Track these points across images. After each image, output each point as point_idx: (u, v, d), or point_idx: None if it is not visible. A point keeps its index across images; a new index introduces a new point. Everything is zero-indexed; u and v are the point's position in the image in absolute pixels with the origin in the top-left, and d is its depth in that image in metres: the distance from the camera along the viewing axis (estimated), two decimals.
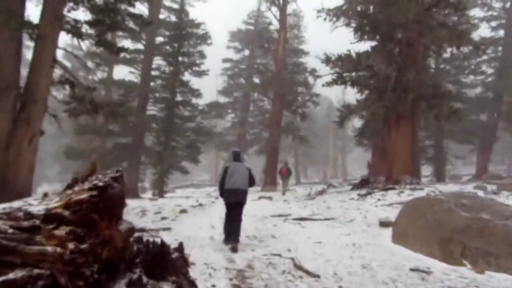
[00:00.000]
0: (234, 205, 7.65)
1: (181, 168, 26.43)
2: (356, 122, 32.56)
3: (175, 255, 4.45)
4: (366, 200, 13.61)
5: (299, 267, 5.78)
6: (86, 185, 3.67)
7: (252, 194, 22.33)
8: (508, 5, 32.93)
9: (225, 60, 38.25)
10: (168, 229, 8.55)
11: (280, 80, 26.71)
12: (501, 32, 33.43)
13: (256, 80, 34.22)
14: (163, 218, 10.53)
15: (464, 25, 19.59)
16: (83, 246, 3.37)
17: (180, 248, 4.50)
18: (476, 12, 33.01)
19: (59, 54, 27.73)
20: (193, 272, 5.09)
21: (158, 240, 4.37)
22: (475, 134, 32.18)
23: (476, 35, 30.02)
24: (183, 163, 27.56)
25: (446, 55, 27.47)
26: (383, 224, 9.26)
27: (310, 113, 33.51)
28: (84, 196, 3.53)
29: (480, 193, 13.71)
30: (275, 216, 11.29)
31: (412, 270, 5.67)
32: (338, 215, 11.12)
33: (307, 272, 5.56)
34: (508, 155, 53.80)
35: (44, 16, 10.81)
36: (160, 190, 23.93)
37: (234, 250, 6.83)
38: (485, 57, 34.20)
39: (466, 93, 34.28)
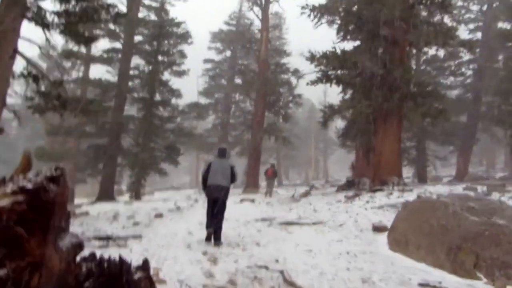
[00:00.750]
0: (216, 200, 7.65)
1: (159, 170, 25.28)
2: (339, 124, 32.04)
3: (138, 275, 3.48)
4: (354, 203, 12.82)
5: (290, 284, 4.88)
6: (10, 187, 2.66)
7: (234, 197, 21.36)
8: (485, 7, 32.92)
9: (207, 61, 37.21)
10: (139, 237, 7.52)
11: (262, 80, 25.85)
12: (479, 34, 33.38)
13: (238, 80, 33.33)
14: (136, 224, 9.50)
15: (449, 24, 19.05)
16: (1, 272, 2.41)
17: (145, 266, 3.53)
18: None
19: (35, 54, 26.43)
20: None
21: (115, 258, 3.41)
22: (456, 135, 31.97)
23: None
24: (162, 165, 26.43)
25: (432, 52, 27.25)
26: (377, 229, 8.45)
27: (292, 115, 32.69)
28: (4, 203, 2.53)
29: (471, 194, 13.10)
30: (259, 221, 10.39)
31: (421, 285, 4.83)
32: (327, 219, 10.27)
33: None
34: (485, 157, 54.10)
35: (3, 2, 9.70)
36: (136, 193, 22.76)
37: (209, 238, 7.28)
38: (464, 58, 34.33)
39: (446, 94, 34.13)
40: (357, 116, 15.69)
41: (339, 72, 17.09)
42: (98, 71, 25.49)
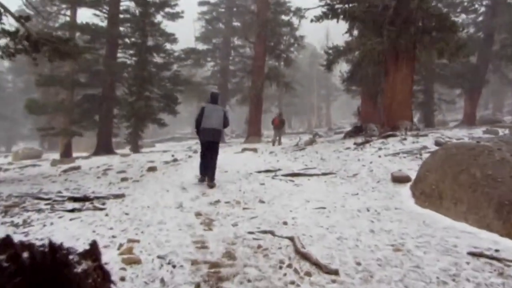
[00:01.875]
0: (209, 143, 7.83)
1: (157, 121, 24.03)
2: (344, 67, 30.34)
3: (83, 266, 2.34)
4: (365, 150, 11.66)
5: (303, 255, 3.77)
6: None
7: (235, 146, 20.32)
8: None
9: (202, 3, 34.76)
10: (121, 196, 6.41)
11: (262, 20, 23.91)
12: None
13: (237, 24, 31.21)
14: (124, 179, 8.39)
15: None
16: None
17: (93, 251, 2.38)
18: None
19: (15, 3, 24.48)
20: (134, 281, 3.03)
21: (43, 243, 2.27)
22: (465, 77, 30.36)
23: None
24: (160, 115, 25.18)
25: None
26: (397, 179, 7.32)
27: (294, 60, 30.92)
28: None
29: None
30: (262, 172, 9.28)
31: (472, 255, 3.71)
32: (337, 169, 9.16)
33: (317, 265, 3.55)
34: (492, 100, 52.45)
35: None
36: (134, 145, 21.66)
37: (211, 187, 7.41)
38: None
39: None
40: (366, 55, 14.14)
41: (346, 6, 15.34)
42: (86, 17, 23.50)
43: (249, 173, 9.09)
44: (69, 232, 4.24)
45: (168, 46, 24.79)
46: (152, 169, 9.76)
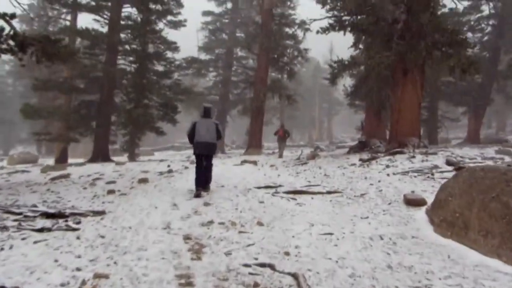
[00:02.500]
0: (203, 156, 7.96)
1: (156, 129, 23.33)
2: (348, 82, 29.79)
3: None
4: (372, 167, 10.96)
5: None
6: None
7: (235, 158, 19.59)
8: None
9: (206, 13, 34.30)
10: (102, 213, 5.64)
11: (266, 32, 23.37)
12: None
13: (240, 34, 30.69)
14: (111, 192, 7.63)
15: None
16: None
17: None
18: None
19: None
20: None
21: None
22: (469, 95, 29.82)
23: None
24: (159, 124, 24.50)
25: (451, 5, 24.76)
26: (411, 202, 6.58)
27: (297, 74, 30.36)
28: None
29: (507, 158, 11.22)
30: (262, 188, 8.54)
31: None
32: (343, 187, 8.42)
33: None
34: (496, 119, 51.85)
35: None
36: (131, 153, 20.93)
37: (198, 196, 7.33)
38: (484, 13, 31.79)
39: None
40: (374, 68, 13.48)
41: (354, 18, 14.76)
42: (86, 22, 22.94)
43: (247, 189, 8.35)
44: (27, 260, 3.51)
45: (169, 54, 24.27)
46: (143, 180, 9.02)
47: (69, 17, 23.56)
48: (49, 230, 4.49)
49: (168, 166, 14.28)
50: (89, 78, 23.77)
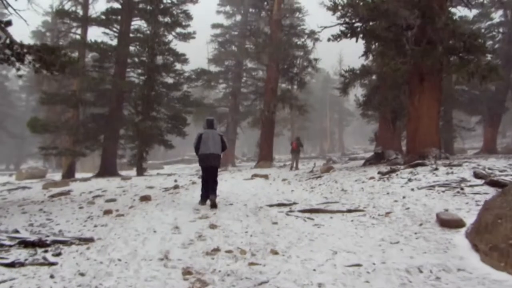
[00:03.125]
0: (209, 168, 7.94)
1: (164, 142, 22.72)
2: (359, 92, 28.97)
3: None
4: (392, 180, 10.04)
5: None
6: None
7: (245, 171, 18.79)
8: None
9: (215, 26, 33.90)
10: (89, 240, 4.80)
11: (275, 42, 22.74)
12: None
13: (249, 46, 30.01)
14: (107, 213, 6.84)
15: None
16: None
17: None
18: None
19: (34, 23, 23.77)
20: None
21: None
22: (484, 104, 28.75)
23: None
24: (168, 137, 23.88)
25: (461, 13, 24.05)
26: (446, 223, 5.69)
27: (307, 84, 29.65)
28: None
29: None
30: (274, 206, 7.71)
31: None
32: (365, 204, 7.55)
33: None
34: (510, 128, 50.37)
35: None
36: (138, 167, 20.25)
37: (214, 205, 7.34)
38: (494, 20, 31.01)
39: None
40: (389, 75, 12.63)
41: (366, 24, 13.96)
42: (95, 35, 22.55)
43: (258, 207, 7.53)
44: None
45: (178, 66, 23.75)
46: (145, 198, 8.25)
47: (79, 31, 23.18)
48: (21, 264, 3.71)
49: (175, 181, 13.53)
50: (98, 91, 23.35)
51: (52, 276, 3.49)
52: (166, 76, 23.19)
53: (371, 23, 14.24)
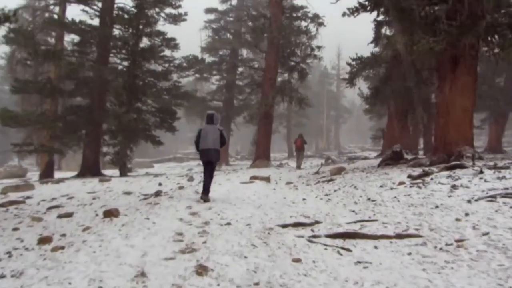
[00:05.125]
0: (208, 163, 8.04)
1: (152, 138, 20.38)
2: (362, 86, 26.85)
3: None
4: (430, 187, 7.91)
5: None
6: None
7: (241, 172, 16.57)
8: None
9: (209, 11, 31.45)
10: None
11: (275, 26, 20.46)
12: None
13: (246, 32, 27.63)
14: (44, 242, 4.55)
15: None
16: None
17: None
18: None
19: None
20: None
21: None
22: (492, 100, 26.58)
23: None
24: (156, 132, 21.56)
25: None
26: None
27: (308, 74, 27.51)
28: None
29: None
30: (289, 226, 5.51)
31: None
32: (415, 224, 5.39)
33: None
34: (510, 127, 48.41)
35: None
36: (121, 166, 17.94)
37: (205, 200, 7.54)
38: None
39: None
40: (422, 55, 10.46)
41: None
42: (75, 14, 19.90)
43: (267, 229, 5.33)
44: None
45: (168, 52, 21.38)
46: (111, 214, 5.99)
47: (57, 9, 20.64)
48: None
49: (160, 184, 11.27)
50: (78, 79, 20.90)
51: None
52: (154, 62, 20.81)
53: None
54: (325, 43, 23.09)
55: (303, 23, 22.02)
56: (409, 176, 9.17)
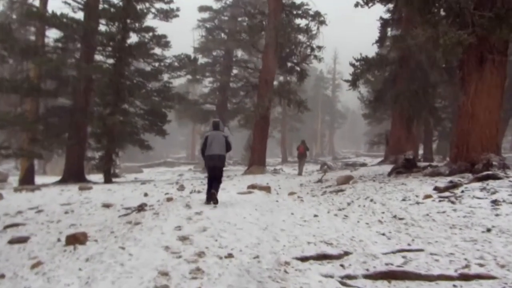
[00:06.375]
0: (214, 168, 8.11)
1: (140, 142, 19.01)
2: (362, 90, 25.66)
3: None
4: (465, 202, 6.68)
5: None
6: None
7: (237, 180, 15.23)
8: None
9: (203, 9, 30.08)
10: None
11: (275, 24, 19.21)
12: None
13: (241, 30, 26.26)
14: None
15: None
16: None
17: None
18: None
19: None
20: None
21: None
22: None
23: None
24: (146, 136, 20.17)
25: None
26: None
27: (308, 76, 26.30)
28: None
29: None
30: (310, 259, 4.19)
31: None
32: (475, 256, 4.10)
33: None
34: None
35: None
36: (106, 172, 16.49)
37: (214, 201, 7.69)
38: None
39: None
40: (449, 51, 9.20)
41: None
42: (57, 7, 18.43)
43: (282, 264, 3.99)
44: None
45: (158, 51, 20.03)
46: (75, 240, 4.56)
47: (37, 2, 19.20)
48: None
49: (145, 195, 9.91)
50: (60, 78, 19.46)
51: None
52: (143, 61, 19.47)
53: None
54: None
55: (304, 21, 20.75)
56: (435, 189, 7.91)
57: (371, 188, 9.48)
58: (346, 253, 4.32)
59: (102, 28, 18.58)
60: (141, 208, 7.31)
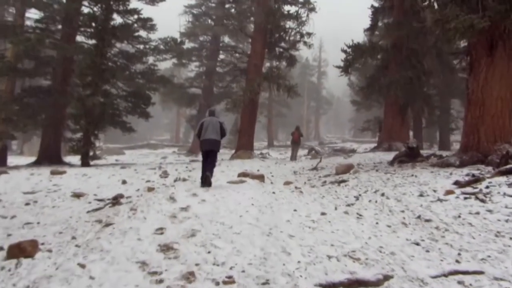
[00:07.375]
0: (209, 152, 8.24)
1: (122, 124, 17.59)
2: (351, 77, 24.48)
3: None
4: (498, 201, 5.56)
5: None
6: None
7: (225, 165, 13.99)
8: None
9: None
10: None
11: (264, 8, 17.92)
12: None
13: (229, 18, 24.71)
14: None
15: None
16: None
17: None
18: None
19: None
20: None
21: None
22: None
23: None
24: (129, 118, 18.68)
25: None
26: None
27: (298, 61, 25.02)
28: None
29: None
30: (338, 285, 3.00)
31: None
32: None
33: None
34: None
35: None
36: (84, 155, 15.01)
37: (208, 183, 7.84)
38: None
39: None
40: (461, 34, 8.06)
41: None
42: None
43: None
44: None
45: (144, 34, 18.54)
46: (21, 252, 3.22)
47: None
48: None
49: (124, 182, 8.58)
50: (39, 58, 17.93)
51: None
52: (127, 43, 18.01)
53: None
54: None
55: (293, 8, 19.51)
56: (456, 183, 6.80)
57: (377, 179, 8.34)
58: (386, 278, 3.12)
59: (86, 10, 17.07)
60: (116, 200, 6.01)
